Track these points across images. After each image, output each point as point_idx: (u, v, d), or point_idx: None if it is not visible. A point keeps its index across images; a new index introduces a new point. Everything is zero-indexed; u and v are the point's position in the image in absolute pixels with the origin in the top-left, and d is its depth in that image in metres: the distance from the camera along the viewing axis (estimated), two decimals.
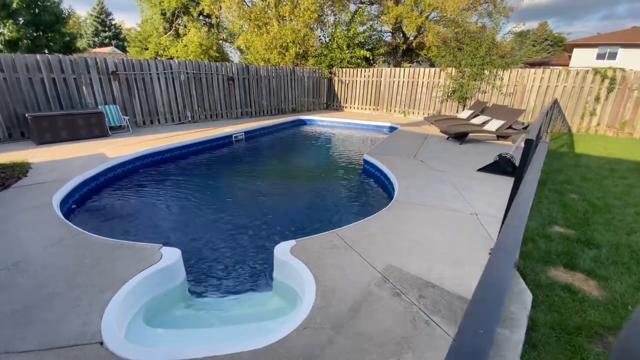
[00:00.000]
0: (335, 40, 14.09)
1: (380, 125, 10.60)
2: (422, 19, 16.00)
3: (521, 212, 1.25)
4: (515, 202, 1.28)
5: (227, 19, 16.24)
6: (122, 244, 2.81)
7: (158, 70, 8.70)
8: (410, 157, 6.11)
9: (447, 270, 2.57)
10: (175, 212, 4.38)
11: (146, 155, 6.03)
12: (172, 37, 23.23)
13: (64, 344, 1.84)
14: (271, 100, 12.14)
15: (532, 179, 1.48)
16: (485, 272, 0.84)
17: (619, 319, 2.16)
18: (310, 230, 3.86)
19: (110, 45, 37.56)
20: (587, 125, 9.27)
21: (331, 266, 2.56)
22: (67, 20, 14.52)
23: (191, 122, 9.62)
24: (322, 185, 5.62)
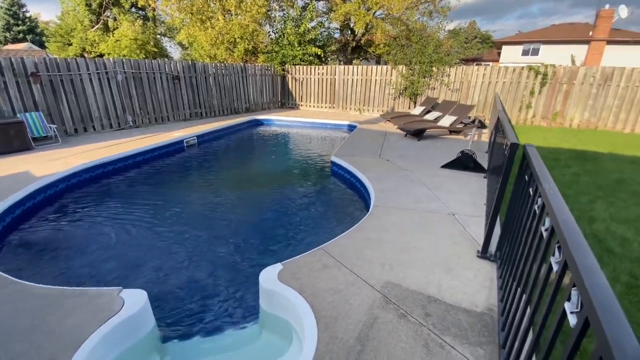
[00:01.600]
0: (285, 37, 13.70)
1: (340, 124, 10.55)
2: (370, 17, 16.28)
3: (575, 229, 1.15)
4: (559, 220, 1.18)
5: (165, 12, 14.87)
6: (71, 292, 2.29)
7: (90, 70, 7.60)
8: (376, 156, 6.10)
9: (443, 279, 2.51)
10: (127, 239, 3.78)
11: (83, 171, 5.20)
12: (101, 31, 20.83)
13: None
14: (222, 99, 11.42)
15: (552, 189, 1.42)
16: None
17: None
18: (291, 246, 3.60)
19: (26, 40, 32.58)
20: (524, 117, 10.20)
21: (327, 291, 2.34)
22: None
23: (133, 127, 8.62)
24: (293, 193, 5.34)
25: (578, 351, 0.88)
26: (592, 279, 0.83)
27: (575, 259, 0.95)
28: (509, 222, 2.43)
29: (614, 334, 0.64)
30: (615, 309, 0.72)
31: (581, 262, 0.92)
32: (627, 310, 2.30)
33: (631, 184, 4.76)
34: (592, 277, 0.84)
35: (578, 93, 9.50)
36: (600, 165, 5.68)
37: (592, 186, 4.66)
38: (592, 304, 0.75)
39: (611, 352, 0.61)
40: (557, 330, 1.04)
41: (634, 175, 5.16)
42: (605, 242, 3.13)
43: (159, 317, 2.37)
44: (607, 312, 0.71)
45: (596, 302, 0.75)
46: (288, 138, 9.63)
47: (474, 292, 2.37)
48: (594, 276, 0.85)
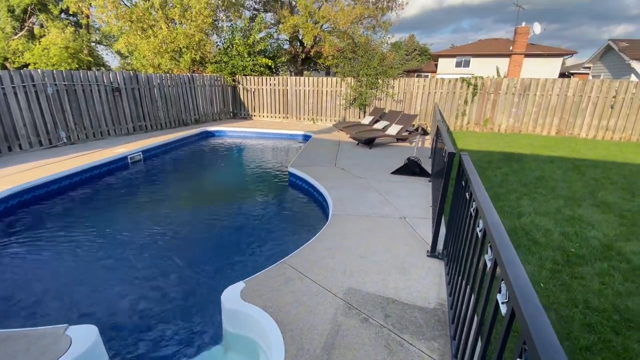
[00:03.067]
0: (234, 47, 13.56)
1: (294, 134, 10.66)
2: (318, 30, 16.81)
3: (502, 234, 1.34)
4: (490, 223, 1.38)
5: (101, 20, 13.85)
6: (8, 334, 2.04)
7: (14, 83, 6.79)
8: (331, 165, 6.29)
9: (399, 280, 2.70)
10: (66, 271, 3.45)
11: (8, 197, 4.61)
12: (25, 39, 18.69)
13: None
14: (169, 111, 10.90)
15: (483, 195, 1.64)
16: None
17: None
18: (252, 263, 3.57)
19: None
20: (460, 123, 11.24)
21: (292, 304, 2.39)
22: None
23: (68, 144, 7.86)
24: (250, 206, 5.29)
25: (509, 335, 1.05)
26: (515, 274, 1.01)
27: (502, 256, 1.13)
28: (452, 222, 2.70)
29: (533, 322, 0.80)
30: (533, 299, 0.88)
31: (506, 259, 1.10)
32: (552, 292, 2.68)
33: (549, 180, 5.53)
34: (515, 272, 1.01)
35: (503, 101, 10.75)
36: (524, 165, 6.50)
37: (518, 184, 5.32)
38: (515, 295, 0.92)
39: (531, 337, 0.76)
40: (493, 319, 1.22)
41: (551, 172, 5.99)
42: (531, 233, 3.60)
43: (112, 353, 2.21)
44: (527, 303, 0.87)
45: (518, 293, 0.92)
46: (242, 149, 9.49)
47: (427, 290, 2.58)
48: (516, 271, 1.02)
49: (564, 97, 10.13)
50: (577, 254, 3.16)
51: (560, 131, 10.39)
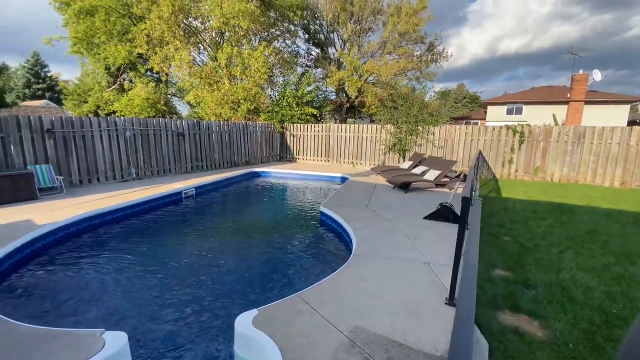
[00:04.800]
0: (285, 99, 14.97)
1: (332, 176, 11.06)
2: (362, 82, 17.93)
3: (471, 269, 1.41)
4: (465, 259, 1.45)
5: (177, 76, 16.46)
6: (57, 332, 2.44)
7: (101, 128, 8.31)
8: (362, 207, 6.41)
9: (408, 324, 2.65)
10: (117, 286, 3.94)
11: (83, 220, 5.48)
12: (116, 92, 22.63)
13: None
14: (224, 153, 12.13)
15: (473, 240, 1.70)
16: (452, 338, 0.94)
17: (563, 358, 2.39)
18: (271, 293, 3.74)
19: (44, 98, 35.11)
20: (507, 171, 10.73)
21: (298, 335, 2.48)
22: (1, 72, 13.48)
23: (135, 179, 9.09)
24: (281, 242, 5.55)
25: None
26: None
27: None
28: None
29: None
30: None
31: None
32: (580, 354, 2.40)
33: (602, 235, 5.00)
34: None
35: (555, 149, 10.14)
36: (574, 217, 5.96)
37: (564, 237, 4.89)
38: None
39: None
40: None
41: (606, 227, 5.41)
42: (568, 290, 3.28)
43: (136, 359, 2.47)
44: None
45: None
46: (283, 189, 10.05)
47: (437, 337, 2.50)
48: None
49: (625, 146, 9.28)
50: (618, 316, 2.80)
51: (625, 183, 9.37)
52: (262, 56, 14.65)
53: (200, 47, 17.03)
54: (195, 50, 16.81)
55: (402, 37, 17.81)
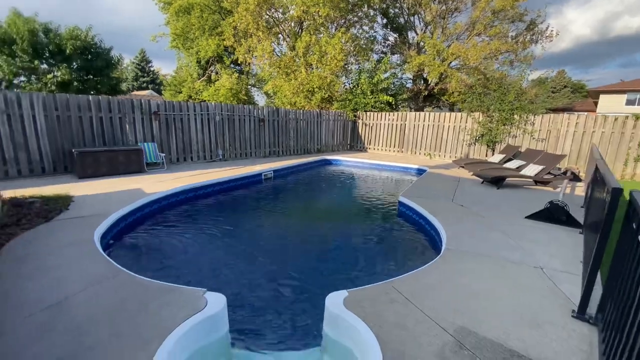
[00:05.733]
0: (359, 87, 14.64)
1: (408, 167, 10.47)
2: (445, 67, 16.52)
3: None
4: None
5: (259, 67, 17.35)
6: (165, 286, 2.65)
7: (195, 112, 9.13)
8: (448, 200, 5.85)
9: (527, 335, 2.23)
10: (211, 251, 4.24)
11: (182, 192, 6.07)
12: (205, 83, 24.92)
13: None
14: (298, 140, 12.42)
15: None
16: None
17: None
18: (356, 276, 3.60)
19: (148, 88, 40.68)
20: (631, 171, 8.78)
21: (394, 325, 2.27)
22: (117, 65, 15.90)
23: (222, 160, 9.83)
24: (358, 228, 5.39)
25: None
26: None
27: None
28: (615, 282, 2.11)
29: None
30: None
31: None
32: None
33: None
34: None
35: None
36: None
37: None
38: None
39: None
40: None
41: None
42: None
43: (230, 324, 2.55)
44: None
45: None
46: (355, 177, 9.86)
47: (568, 355, 2.04)
48: None
49: None
50: None
51: None
52: (339, 43, 14.48)
53: (280, 37, 17.61)
54: (275, 41, 17.46)
55: (495, 15, 15.82)
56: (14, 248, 3.31)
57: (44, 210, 4.44)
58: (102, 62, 14.59)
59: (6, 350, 1.93)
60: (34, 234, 3.69)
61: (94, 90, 14.49)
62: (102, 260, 3.12)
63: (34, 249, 3.30)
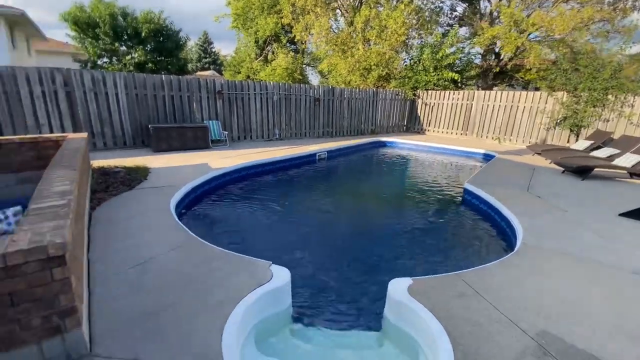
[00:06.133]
0: (421, 63, 13.70)
1: (473, 152, 9.68)
2: (522, 40, 14.63)
3: None
4: None
5: (315, 44, 17.11)
6: (233, 256, 2.80)
7: (255, 91, 9.37)
8: (522, 190, 5.28)
9: (626, 349, 1.93)
10: (270, 226, 4.39)
11: (243, 168, 6.36)
12: (262, 62, 25.45)
13: None
14: (352, 121, 12.16)
15: None
16: None
17: None
18: (418, 264, 3.46)
19: (210, 69, 42.91)
20: None
21: (465, 320, 2.12)
22: (184, 46, 16.92)
23: (278, 140, 10.06)
24: (418, 214, 5.14)
25: None
26: None
27: None
28: None
29: None
30: None
31: None
32: None
33: None
34: None
35: None
36: None
37: None
38: None
39: None
40: None
41: None
42: None
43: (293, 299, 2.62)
44: None
45: None
46: (412, 161, 9.41)
47: None
48: None
49: None
50: None
51: None
52: (402, 16, 13.56)
53: (338, 13, 17.06)
54: (332, 17, 16.97)
55: None
56: (103, 212, 3.76)
57: (127, 179, 4.96)
58: (172, 43, 15.63)
59: (102, 301, 2.20)
60: (120, 200, 4.14)
61: (164, 70, 15.68)
62: (177, 227, 3.40)
63: (120, 213, 3.71)
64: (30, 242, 1.54)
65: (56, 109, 6.65)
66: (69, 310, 1.68)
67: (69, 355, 1.73)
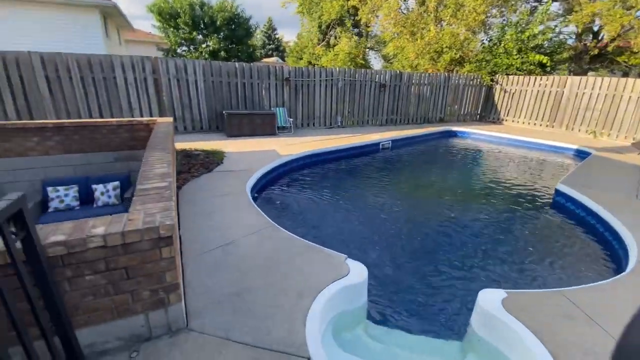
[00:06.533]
0: (502, 44, 12.27)
1: (562, 147, 8.50)
2: (630, 18, 12.22)
3: None
4: None
5: (383, 26, 16.35)
6: (308, 245, 2.81)
7: (321, 77, 9.31)
8: (629, 196, 4.46)
9: None
10: (339, 217, 4.36)
11: (308, 156, 6.42)
12: (324, 48, 25.29)
13: (273, 346, 1.80)
14: (419, 108, 11.48)
15: None
16: None
17: None
18: (505, 273, 3.14)
19: (273, 56, 44.07)
20: None
21: (577, 347, 1.83)
22: (254, 34, 17.51)
23: (340, 127, 9.95)
24: (494, 215, 4.66)
25: None
26: None
27: None
28: None
29: None
30: None
31: None
32: None
33: None
34: None
35: None
36: None
37: None
38: None
39: None
40: None
41: None
42: None
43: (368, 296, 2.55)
44: None
45: None
46: (487, 154, 8.59)
47: None
48: None
49: None
50: None
51: None
52: None
53: None
54: None
55: None
56: (187, 192, 4.07)
57: (206, 162, 5.32)
58: (243, 31, 16.26)
59: (194, 279, 2.36)
60: (201, 182, 4.45)
61: (235, 57, 16.46)
62: (254, 211, 3.53)
63: (202, 194, 3.98)
64: (144, 222, 1.67)
65: (145, 94, 7.37)
66: (173, 286, 1.82)
67: (170, 327, 1.88)
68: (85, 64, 6.58)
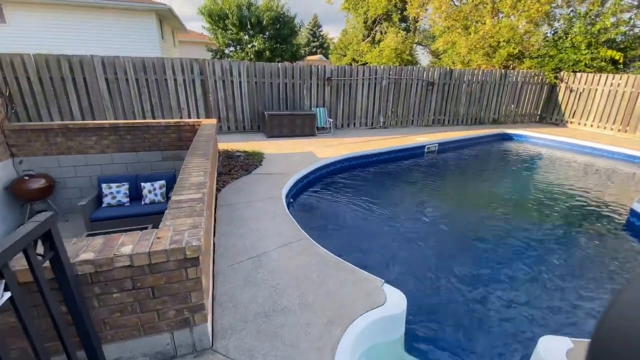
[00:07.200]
0: (569, 37, 10.94)
1: (637, 156, 7.34)
2: None
3: None
4: None
5: (433, 20, 15.47)
6: (343, 264, 2.64)
7: (364, 76, 9.01)
8: None
9: None
10: (376, 231, 4.12)
11: (346, 159, 6.21)
12: (369, 44, 24.70)
13: None
14: (469, 107, 10.66)
15: None
16: None
17: None
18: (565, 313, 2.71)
19: (317, 53, 44.18)
20: None
21: None
22: (299, 32, 17.60)
23: (382, 128, 9.58)
24: (558, 237, 4.09)
25: None
26: None
27: None
28: None
29: None
30: None
31: None
32: None
33: None
34: None
35: None
36: None
37: None
38: None
39: None
40: None
41: None
42: None
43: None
44: None
45: None
46: (548, 162, 7.70)
47: None
48: None
49: None
50: None
51: None
52: None
53: None
54: None
55: None
56: (225, 195, 4.10)
57: (246, 163, 5.37)
58: (288, 30, 16.38)
59: (221, 291, 2.31)
60: (239, 184, 4.48)
61: (279, 57, 16.67)
62: (287, 219, 3.44)
63: (240, 198, 3.99)
64: (172, 241, 1.62)
65: (193, 95, 7.67)
66: (198, 307, 1.76)
67: (195, 347, 1.84)
68: (140, 66, 6.99)
